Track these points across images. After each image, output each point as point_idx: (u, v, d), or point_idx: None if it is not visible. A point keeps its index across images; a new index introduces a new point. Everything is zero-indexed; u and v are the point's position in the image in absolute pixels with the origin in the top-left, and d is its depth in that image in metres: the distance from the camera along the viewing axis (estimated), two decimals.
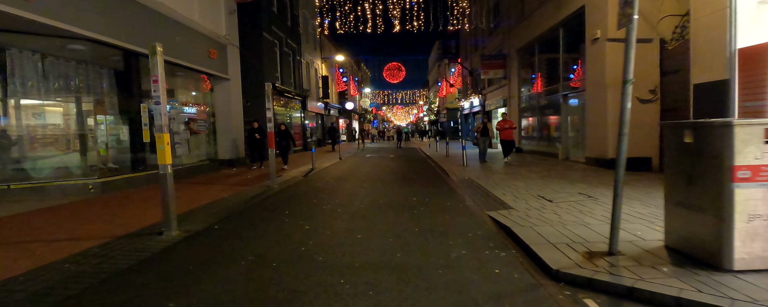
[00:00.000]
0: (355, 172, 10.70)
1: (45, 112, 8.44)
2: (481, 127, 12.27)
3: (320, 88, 25.61)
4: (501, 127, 11.74)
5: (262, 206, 6.14)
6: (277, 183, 7.98)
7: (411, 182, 8.52)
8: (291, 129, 17.93)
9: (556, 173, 8.98)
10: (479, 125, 12.37)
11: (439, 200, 6.39)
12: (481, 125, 12.36)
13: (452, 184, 8.23)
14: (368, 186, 7.98)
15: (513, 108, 16.83)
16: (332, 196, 6.89)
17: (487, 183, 7.97)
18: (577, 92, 11.50)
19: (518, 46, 15.92)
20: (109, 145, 8.46)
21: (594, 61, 9.93)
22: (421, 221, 5.00)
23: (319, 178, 9.51)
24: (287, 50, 18.39)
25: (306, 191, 7.57)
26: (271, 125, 7.87)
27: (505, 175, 9.04)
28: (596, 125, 9.90)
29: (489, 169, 10.34)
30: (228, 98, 12.08)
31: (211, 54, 10.84)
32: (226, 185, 8.42)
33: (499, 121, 11.91)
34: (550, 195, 6.36)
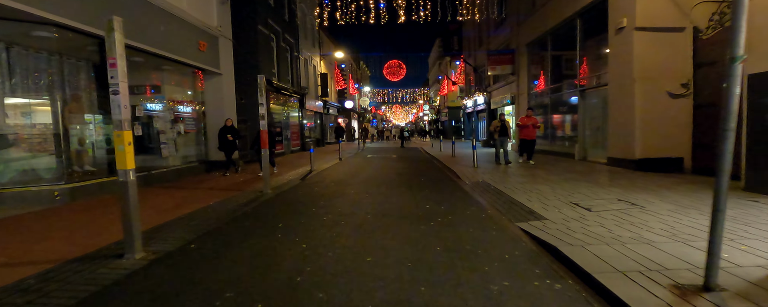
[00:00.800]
0: (357, 174, 9.84)
1: (16, 109, 7.57)
2: (500, 126, 10.67)
3: (319, 85, 24.75)
4: (523, 125, 10.48)
5: (252, 216, 5.28)
6: (270, 188, 7.11)
7: (420, 186, 7.67)
8: (288, 128, 17.06)
9: (579, 175, 8.13)
10: (497, 123, 10.72)
11: (456, 208, 5.53)
12: (498, 123, 10.70)
13: (466, 188, 7.38)
14: (373, 191, 7.12)
15: (522, 106, 15.98)
16: (333, 203, 6.03)
17: (505, 187, 7.12)
18: (596, 88, 10.66)
19: (528, 40, 15.09)
20: (97, 146, 7.60)
21: (619, 53, 9.09)
22: (441, 236, 4.15)
23: (318, 181, 8.65)
24: (284, 45, 17.52)
25: (303, 197, 6.70)
26: (264, 123, 7.01)
27: (522, 177, 8.20)
28: (621, 123, 9.06)
29: (503, 171, 9.49)
30: (220, 95, 11.21)
31: (201, 46, 9.97)
32: (214, 189, 7.55)
33: (522, 118, 10.62)
34: (584, 202, 5.51)
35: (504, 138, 10.70)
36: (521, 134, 10.53)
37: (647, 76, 8.48)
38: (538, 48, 14.74)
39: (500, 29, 18.86)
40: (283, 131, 16.69)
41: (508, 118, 19.11)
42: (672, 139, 8.46)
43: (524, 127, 10.47)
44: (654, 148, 8.48)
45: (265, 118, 6.96)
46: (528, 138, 10.46)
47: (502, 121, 10.72)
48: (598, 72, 10.71)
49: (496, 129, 10.75)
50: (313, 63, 23.72)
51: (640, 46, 8.47)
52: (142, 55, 8.40)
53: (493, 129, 10.80)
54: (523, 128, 10.49)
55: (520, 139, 10.56)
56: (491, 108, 21.19)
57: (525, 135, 10.48)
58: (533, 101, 15.31)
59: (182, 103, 10.38)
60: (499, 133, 10.69)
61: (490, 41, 20.67)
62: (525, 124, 10.49)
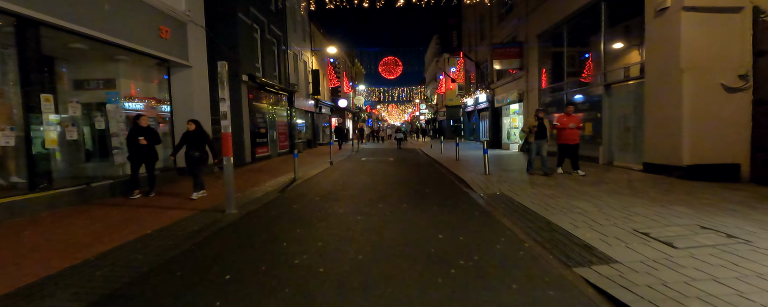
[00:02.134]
0: (349, 183, 8.33)
1: None
2: (536, 125, 8.41)
3: (310, 83, 23.18)
4: (562, 126, 8.27)
5: (196, 256, 3.75)
6: (236, 207, 5.56)
7: (425, 200, 6.17)
8: (275, 129, 15.51)
9: (620, 186, 6.68)
10: (533, 123, 8.47)
11: (480, 240, 4.05)
12: (535, 122, 8.44)
13: (483, 203, 5.90)
14: (368, 210, 5.61)
15: (531, 103, 14.54)
16: (313, 232, 4.51)
17: (533, 203, 5.64)
18: (626, 82, 9.22)
19: (539, 31, 13.65)
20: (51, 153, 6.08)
21: (660, 39, 7.65)
22: (471, 297, 2.66)
23: (301, 194, 7.12)
24: (270, 38, 15.95)
25: (276, 220, 5.18)
26: (226, 123, 5.48)
27: (548, 189, 6.72)
28: (662, 122, 7.63)
29: (526, 180, 8.02)
30: (189, 90, 9.64)
31: (162, 33, 8.40)
32: (164, 207, 6.00)
33: (560, 117, 8.44)
34: (655, 230, 4.05)
35: (542, 141, 8.45)
36: (560, 138, 8.33)
37: (697, 66, 7.05)
38: (552, 39, 13.29)
39: (506, 20, 17.42)
40: (269, 132, 15.13)
41: (514, 117, 17.73)
42: (726, 142, 7.05)
43: (562, 130, 8.25)
44: (705, 152, 7.06)
45: (227, 117, 5.43)
46: (570, 142, 8.22)
47: (539, 120, 8.44)
48: (629, 63, 9.28)
49: (531, 128, 8.47)
50: (303, 59, 22.16)
51: (688, 29, 7.04)
52: (85, 41, 6.83)
53: (528, 129, 8.54)
54: (561, 131, 8.27)
55: (559, 144, 8.39)
56: (495, 106, 19.77)
57: (566, 138, 8.26)
58: (544, 98, 13.87)
59: (143, 101, 8.80)
60: (536, 134, 8.44)
61: (494, 34, 19.23)
62: (564, 126, 8.24)
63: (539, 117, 8.53)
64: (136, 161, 6.98)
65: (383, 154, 17.95)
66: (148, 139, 6.94)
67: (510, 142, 18.16)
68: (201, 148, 6.84)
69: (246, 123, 12.89)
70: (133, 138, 6.84)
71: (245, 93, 12.92)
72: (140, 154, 6.92)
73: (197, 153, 6.78)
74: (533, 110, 14.40)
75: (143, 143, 6.84)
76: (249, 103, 13.17)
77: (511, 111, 17.98)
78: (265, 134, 14.68)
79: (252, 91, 13.52)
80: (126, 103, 8.34)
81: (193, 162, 6.77)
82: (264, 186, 7.96)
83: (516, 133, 17.70)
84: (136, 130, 6.92)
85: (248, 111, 13.12)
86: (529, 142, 8.64)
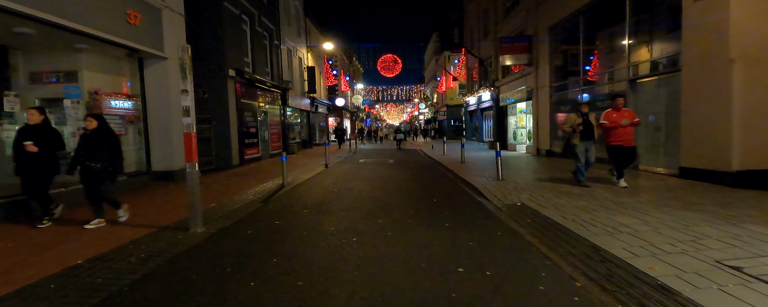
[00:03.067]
0: (344, 191, 7.30)
1: None
2: (580, 122, 6.60)
3: (305, 80, 22.13)
4: (612, 123, 6.38)
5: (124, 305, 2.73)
6: (202, 225, 4.52)
7: (433, 213, 5.15)
8: (266, 128, 14.48)
9: (660, 196, 5.65)
10: (575, 119, 6.66)
11: (513, 276, 3.04)
12: (578, 120, 6.62)
13: (504, 218, 4.88)
14: (365, 226, 4.59)
15: (542, 101, 13.55)
16: (295, 262, 3.49)
17: (566, 218, 4.63)
18: (656, 76, 8.23)
19: (550, 23, 12.65)
20: None
21: (702, 25, 6.64)
22: None
23: (287, 205, 6.10)
24: (261, 31, 14.90)
25: (249, 243, 4.15)
26: (189, 120, 4.42)
27: (578, 198, 5.71)
28: (705, 121, 6.63)
29: (542, 187, 7.01)
30: (166, 84, 8.58)
31: (130, 18, 7.35)
32: (116, 225, 4.97)
33: (608, 113, 6.49)
34: (747, 263, 3.04)
35: (589, 142, 6.72)
36: (610, 139, 6.48)
37: (751, 56, 6.06)
38: (565, 32, 12.30)
39: (512, 14, 16.41)
40: (260, 132, 14.09)
41: (521, 116, 16.74)
42: None
43: (613, 128, 6.39)
44: (760, 156, 6.06)
45: (189, 114, 4.38)
46: (625, 143, 6.38)
47: (584, 116, 6.61)
48: (660, 55, 8.29)
49: (574, 127, 6.63)
50: (298, 55, 21.11)
51: (739, 11, 6.04)
52: (31, 24, 5.78)
53: (570, 127, 6.69)
54: (611, 130, 6.42)
55: (609, 146, 6.56)
56: (500, 105, 18.76)
57: (618, 139, 6.38)
58: (556, 96, 12.87)
59: (110, 96, 7.75)
60: (581, 134, 6.64)
61: (499, 29, 18.22)
62: (614, 123, 6.36)
63: (584, 113, 6.65)
64: (27, 174, 4.66)
65: (382, 155, 16.93)
66: (40, 143, 4.53)
67: (516, 142, 17.17)
68: (102, 156, 4.59)
69: (233, 122, 11.85)
70: (19, 143, 4.60)
71: (232, 89, 11.88)
72: (26, 165, 4.62)
73: (97, 164, 4.58)
74: (543, 109, 13.45)
75: (32, 150, 4.48)
76: (237, 100, 12.13)
77: (518, 110, 16.99)
78: (255, 134, 13.64)
79: (240, 88, 12.48)
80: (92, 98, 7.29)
81: (92, 177, 4.61)
82: (246, 194, 6.92)
83: (523, 134, 16.71)
84: (25, 130, 4.65)
85: (236, 109, 12.08)
86: (573, 145, 6.74)
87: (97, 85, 7.55)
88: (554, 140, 12.99)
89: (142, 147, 8.42)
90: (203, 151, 10.97)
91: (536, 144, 14.11)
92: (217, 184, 8.28)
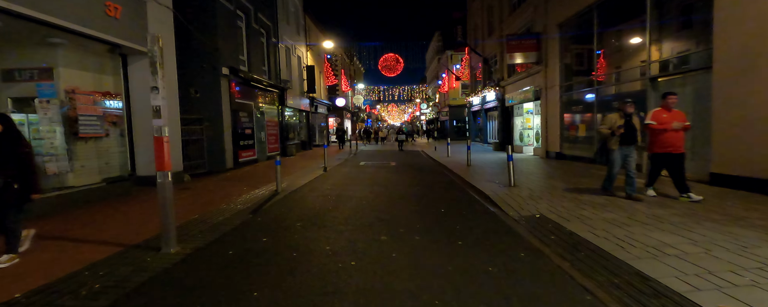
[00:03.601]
0: (343, 199, 6.69)
1: None
2: (622, 124, 5.57)
3: (305, 80, 21.52)
4: (660, 125, 5.45)
5: None
6: (176, 243, 3.90)
7: (443, 228, 4.53)
8: (263, 129, 13.88)
9: (699, 208, 5.00)
10: (615, 120, 5.62)
11: None
12: (619, 121, 5.59)
13: (524, 233, 4.25)
14: (366, 245, 3.97)
15: (551, 102, 12.93)
16: (281, 296, 2.87)
17: (597, 236, 3.99)
18: (681, 74, 7.60)
19: (561, 19, 12.03)
20: None
21: (738, 18, 6.02)
22: None
23: (279, 217, 5.48)
24: (258, 28, 14.29)
25: (228, 268, 3.54)
26: (160, 122, 3.81)
27: (606, 210, 5.07)
28: (741, 123, 6.00)
29: (561, 195, 6.37)
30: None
31: (109, 9, 6.74)
32: (78, 242, 4.36)
33: (656, 113, 5.56)
34: None
35: (630, 148, 5.65)
36: (656, 144, 5.55)
37: None
38: (576, 28, 11.68)
39: (519, 10, 15.79)
40: (256, 133, 13.48)
41: (528, 117, 16.10)
42: None
43: (661, 132, 5.47)
44: None
45: (161, 115, 3.77)
46: (674, 150, 5.46)
47: (627, 117, 5.58)
48: (686, 51, 7.66)
49: (615, 131, 5.59)
50: (297, 53, 20.50)
51: None
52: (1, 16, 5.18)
53: (609, 130, 5.65)
54: (659, 134, 5.49)
55: (652, 153, 5.68)
56: (505, 106, 18.14)
57: (665, 144, 5.47)
58: (567, 96, 12.25)
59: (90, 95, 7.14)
60: (621, 138, 5.61)
61: (504, 27, 17.61)
62: (664, 125, 5.43)
63: (628, 113, 5.57)
64: None
65: (384, 157, 16.31)
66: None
67: (523, 144, 16.53)
68: (9, 169, 3.49)
69: (227, 123, 11.25)
70: None
71: (226, 88, 11.27)
72: None
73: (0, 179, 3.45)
74: (553, 109, 12.80)
75: None
76: (231, 100, 11.52)
77: (525, 110, 16.35)
78: (251, 135, 13.03)
79: (235, 87, 11.87)
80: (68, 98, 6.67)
81: None
82: (235, 203, 6.30)
83: (530, 135, 16.08)
84: None
85: (230, 109, 11.48)
86: (609, 150, 5.75)
87: (75, 84, 6.93)
88: (564, 142, 12.37)
89: (125, 150, 7.81)
90: (194, 154, 10.37)
91: (545, 146, 13.48)
92: (206, 190, 7.67)
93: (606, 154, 5.85)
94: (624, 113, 5.61)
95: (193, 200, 6.52)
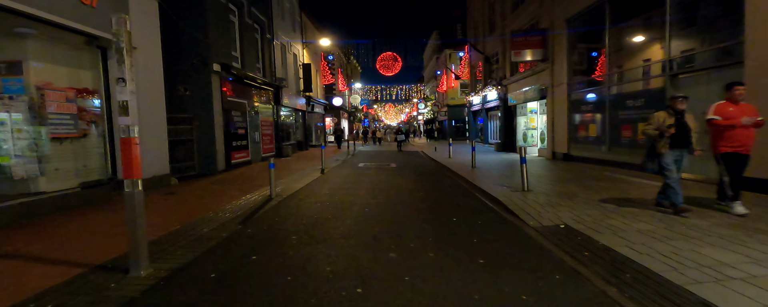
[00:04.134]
0: (342, 206, 6.11)
1: None
2: (672, 123, 4.67)
3: (301, 78, 20.90)
4: (728, 120, 4.65)
5: None
6: (149, 264, 3.30)
7: (458, 240, 3.97)
8: (257, 129, 13.28)
9: (750, 218, 4.48)
10: (664, 119, 4.72)
11: None
12: (670, 119, 4.69)
13: (552, 247, 3.69)
14: (372, 264, 3.40)
15: (558, 100, 12.41)
16: None
17: (640, 252, 3.44)
18: (718, 68, 7.09)
19: (569, 14, 11.51)
20: None
21: None
22: None
23: (271, 228, 4.90)
24: (251, 23, 13.67)
25: (208, 298, 2.95)
26: (127, 121, 3.23)
27: (638, 220, 4.52)
28: None
29: (583, 201, 5.83)
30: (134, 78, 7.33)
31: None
32: (31, 260, 3.75)
33: (721, 106, 4.76)
34: None
35: (683, 151, 4.80)
36: (722, 141, 4.73)
37: None
38: (586, 23, 11.17)
39: (522, 6, 15.26)
40: (250, 133, 12.85)
41: (532, 116, 15.59)
42: None
43: (728, 128, 4.66)
44: None
45: (128, 112, 3.19)
46: (742, 150, 4.69)
47: (678, 115, 4.68)
48: (711, 46, 7.15)
49: (665, 132, 4.66)
50: (293, 51, 19.88)
51: None
52: None
53: (657, 131, 4.72)
54: (726, 131, 4.68)
55: (721, 154, 4.79)
56: (507, 105, 17.62)
57: (735, 143, 4.67)
58: (576, 94, 11.73)
59: (64, 92, 6.51)
60: (672, 140, 4.68)
61: (507, 23, 17.09)
62: (731, 121, 4.62)
63: (679, 110, 4.67)
64: None
65: (383, 158, 15.74)
66: None
67: (527, 145, 16.02)
68: None
69: (218, 122, 10.62)
70: None
71: (217, 86, 10.65)
72: None
73: None
74: (560, 108, 12.27)
75: None
76: (223, 98, 10.90)
77: (529, 109, 15.84)
78: (244, 136, 12.41)
79: (227, 85, 11.25)
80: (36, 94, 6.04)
81: None
82: (223, 211, 5.70)
83: (534, 135, 15.57)
84: None
85: (222, 108, 10.86)
86: (659, 155, 4.78)
87: (47, 79, 6.30)
88: (573, 143, 11.86)
89: (105, 151, 7.18)
90: (184, 155, 9.76)
91: (551, 147, 12.96)
92: (193, 195, 7.06)
93: (655, 159, 4.87)
94: (674, 111, 4.71)
95: (178, 208, 5.92)
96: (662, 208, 5.03)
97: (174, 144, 9.31)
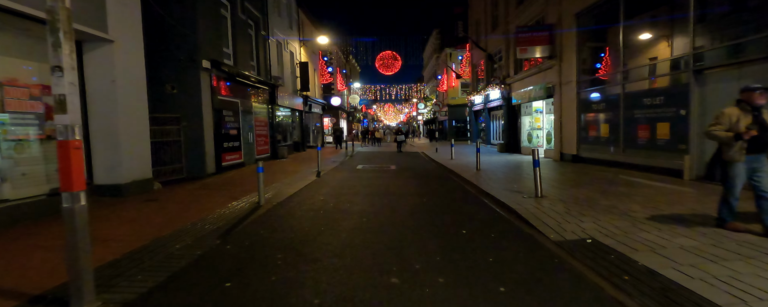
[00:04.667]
0: (337, 217, 5.50)
1: None
2: (750, 123, 3.66)
3: (298, 77, 20.29)
4: None
5: None
6: (94, 297, 2.69)
7: (471, 259, 3.37)
8: (251, 129, 12.68)
9: None
10: (737, 117, 3.73)
11: None
12: (744, 117, 3.71)
13: (582, 269, 3.09)
14: (369, 296, 2.80)
15: (567, 99, 11.82)
16: None
17: (685, 273, 2.88)
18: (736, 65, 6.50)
19: (578, 8, 10.93)
20: None
21: None
22: None
23: (255, 244, 4.30)
24: (245, 19, 13.06)
25: None
26: (64, 119, 2.62)
27: (676, 233, 3.92)
28: None
29: (605, 209, 5.23)
30: (111, 75, 6.76)
31: None
32: None
33: None
34: None
35: (759, 158, 3.76)
36: None
37: None
38: (597, 18, 10.59)
39: (528, 1, 14.66)
40: (243, 134, 12.25)
41: (537, 116, 14.99)
42: None
43: None
44: None
45: (65, 108, 2.58)
46: None
47: (756, 112, 3.72)
48: (743, 39, 6.56)
49: (742, 135, 3.66)
50: (290, 49, 19.27)
51: None
52: None
53: (730, 132, 3.74)
54: None
55: None
56: (511, 104, 17.03)
57: None
58: (585, 93, 11.14)
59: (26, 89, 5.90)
60: (749, 144, 3.70)
61: (511, 20, 16.50)
62: None
63: (757, 106, 3.71)
64: None
65: (382, 160, 15.14)
66: None
67: (532, 146, 15.42)
68: None
69: (208, 123, 10.01)
70: None
71: (208, 84, 10.04)
72: None
73: None
74: (569, 107, 11.65)
75: None
76: (213, 97, 10.29)
77: (534, 109, 15.25)
78: (236, 137, 11.80)
79: (218, 83, 10.65)
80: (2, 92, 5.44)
81: None
82: (204, 221, 5.09)
83: (539, 136, 14.97)
84: None
85: (212, 107, 10.25)
86: (729, 163, 3.87)
87: (12, 75, 5.70)
88: (582, 144, 11.27)
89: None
90: (170, 158, 9.15)
91: (559, 148, 12.37)
92: (174, 202, 6.45)
93: (724, 168, 3.92)
94: (751, 106, 3.71)
95: (152, 218, 5.31)
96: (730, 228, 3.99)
97: (160, 146, 8.71)
